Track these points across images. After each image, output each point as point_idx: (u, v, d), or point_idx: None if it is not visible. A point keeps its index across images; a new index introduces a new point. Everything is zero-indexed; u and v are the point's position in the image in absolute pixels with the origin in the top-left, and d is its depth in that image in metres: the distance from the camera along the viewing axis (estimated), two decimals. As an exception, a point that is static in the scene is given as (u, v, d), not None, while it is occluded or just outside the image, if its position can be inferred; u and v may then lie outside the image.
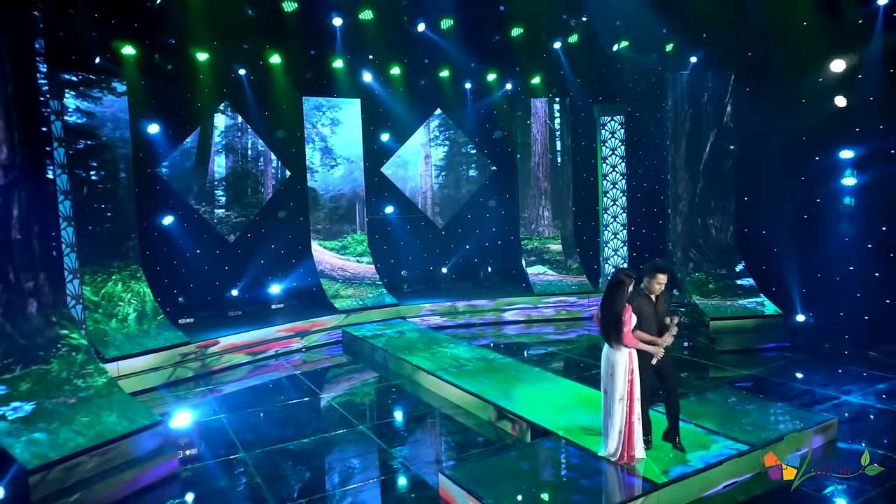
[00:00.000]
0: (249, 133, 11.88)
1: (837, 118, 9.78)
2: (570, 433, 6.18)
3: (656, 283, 5.66)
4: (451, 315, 12.49)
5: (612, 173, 12.84)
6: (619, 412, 5.50)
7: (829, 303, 10.14)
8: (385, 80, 12.80)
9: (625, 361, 5.46)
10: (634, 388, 5.49)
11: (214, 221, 11.61)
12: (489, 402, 7.25)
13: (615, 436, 5.53)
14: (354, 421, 7.41)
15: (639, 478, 5.29)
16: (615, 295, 5.47)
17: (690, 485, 5.31)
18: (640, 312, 5.57)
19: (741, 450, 5.76)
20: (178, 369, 9.25)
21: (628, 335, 5.40)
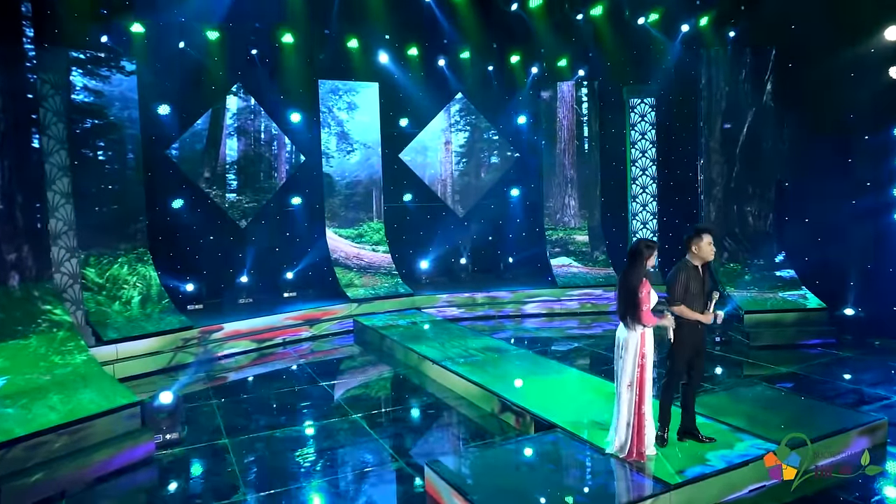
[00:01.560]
0: (263, 116, 11.58)
1: (890, 92, 8.86)
2: (577, 427, 5.57)
3: (707, 246, 5.01)
4: (468, 307, 11.94)
5: (642, 159, 12.09)
6: (627, 401, 4.89)
7: (880, 296, 9.20)
8: (403, 62, 12.34)
9: (636, 343, 4.85)
10: (646, 375, 4.87)
11: (226, 206, 11.34)
12: (493, 393, 6.68)
13: (623, 429, 4.91)
14: (350, 410, 6.94)
15: (649, 477, 4.65)
16: (632, 267, 4.88)
17: (708, 487, 4.64)
18: (687, 287, 4.95)
19: (770, 449, 5.05)
20: (178, 354, 8.96)
21: (647, 314, 4.79)
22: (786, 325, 9.21)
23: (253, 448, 5.95)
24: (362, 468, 5.48)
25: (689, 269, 5.02)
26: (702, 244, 4.97)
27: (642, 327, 4.84)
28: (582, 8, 10.36)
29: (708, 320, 5.02)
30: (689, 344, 5.10)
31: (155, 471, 5.60)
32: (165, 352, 8.82)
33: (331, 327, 10.86)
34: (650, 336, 4.91)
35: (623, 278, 4.93)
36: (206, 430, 6.43)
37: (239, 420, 6.72)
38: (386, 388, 8.03)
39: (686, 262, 5.03)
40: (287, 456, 5.78)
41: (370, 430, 6.31)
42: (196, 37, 10.40)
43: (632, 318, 4.82)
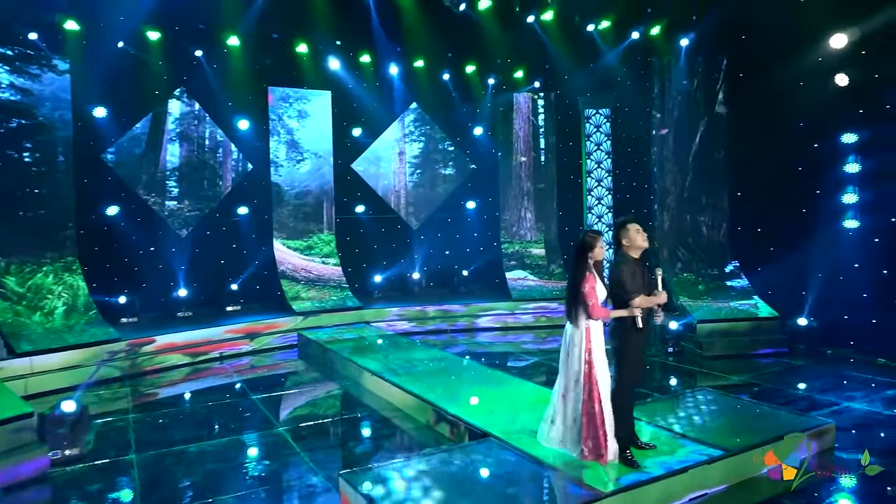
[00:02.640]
0: (208, 122, 11.15)
1: (838, 100, 8.85)
2: (511, 436, 5.19)
3: (636, 234, 4.72)
4: (420, 320, 11.54)
5: (598, 170, 11.94)
6: (574, 399, 4.58)
7: (832, 305, 9.07)
8: (355, 70, 12.05)
9: (580, 340, 4.58)
10: (595, 372, 4.55)
11: (166, 214, 10.81)
12: (428, 403, 6.27)
13: (572, 428, 4.59)
14: (276, 423, 6.46)
15: (580, 485, 4.28)
16: (577, 261, 4.63)
17: (644, 495, 4.29)
18: (633, 278, 4.65)
19: (713, 455, 4.74)
20: (102, 368, 8.36)
21: (596, 307, 4.52)
22: (739, 335, 9.02)
23: (161, 464, 5.44)
24: (277, 483, 5.01)
25: (630, 262, 4.74)
26: (630, 234, 4.70)
27: (586, 323, 4.54)
28: (533, 10, 10.19)
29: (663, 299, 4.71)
30: (638, 344, 4.79)
31: (47, 489, 5.05)
32: (87, 366, 8.22)
33: (273, 341, 10.34)
34: (597, 332, 4.62)
35: (570, 275, 4.66)
36: (114, 446, 5.89)
37: (153, 435, 6.19)
38: (320, 402, 7.55)
39: (624, 256, 4.76)
40: (197, 472, 5.29)
41: (294, 443, 5.84)
42: (136, 37, 9.96)
43: (577, 314, 4.55)
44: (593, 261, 4.64)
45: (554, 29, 10.81)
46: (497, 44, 11.67)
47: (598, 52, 11.32)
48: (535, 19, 10.44)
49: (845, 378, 7.62)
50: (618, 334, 4.72)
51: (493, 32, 11.18)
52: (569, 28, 10.77)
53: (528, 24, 10.83)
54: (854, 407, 6.54)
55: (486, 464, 4.75)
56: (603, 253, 4.69)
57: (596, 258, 4.63)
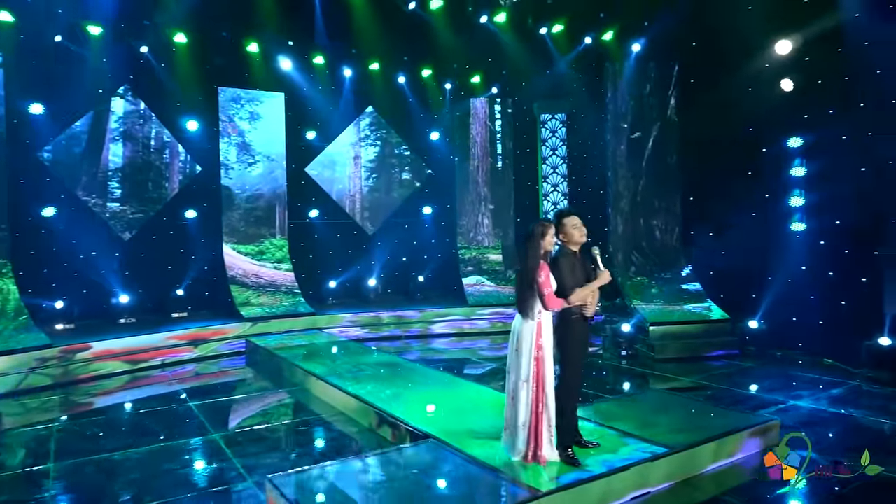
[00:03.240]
0: (154, 122, 10.76)
1: (784, 105, 9.00)
2: (452, 437, 4.99)
3: (574, 230, 4.58)
4: (374, 327, 11.29)
5: (553, 174, 11.92)
6: (525, 399, 4.37)
7: (781, 307, 9.16)
8: (309, 72, 11.81)
9: (531, 334, 4.37)
10: (543, 369, 4.38)
11: (107, 216, 10.35)
12: (371, 406, 6.05)
13: (520, 430, 4.39)
14: (211, 430, 6.14)
15: (516, 485, 4.11)
16: (527, 249, 4.44)
17: (584, 494, 4.14)
18: (573, 271, 4.51)
19: (657, 453, 4.62)
20: (31, 376, 7.90)
21: (551, 297, 4.33)
22: (690, 337, 9.02)
23: (80, 473, 5.09)
24: (202, 489, 4.71)
25: (569, 255, 4.61)
26: (566, 230, 4.58)
27: (538, 317, 4.38)
28: (485, 11, 10.13)
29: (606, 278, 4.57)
30: (581, 339, 4.66)
31: (-52, 502, 4.66)
32: (12, 373, 7.75)
33: (220, 348, 9.96)
34: (548, 325, 4.44)
35: (520, 263, 4.49)
36: (32, 455, 5.51)
37: (77, 443, 5.81)
38: (262, 408, 7.23)
39: (563, 249, 4.63)
40: (118, 480, 4.95)
41: (227, 449, 5.54)
42: (77, 32, 9.57)
43: (530, 305, 4.36)
44: (543, 251, 4.49)
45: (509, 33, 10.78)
46: (453, 48, 11.59)
47: (553, 57, 11.35)
48: (489, 19, 10.37)
49: (793, 378, 7.66)
50: (561, 330, 4.58)
51: (447, 36, 11.09)
52: (524, 32, 10.76)
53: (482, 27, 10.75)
54: (800, 405, 6.54)
55: (421, 465, 4.54)
56: (553, 243, 4.52)
57: (545, 248, 4.47)
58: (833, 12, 8.27)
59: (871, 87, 7.99)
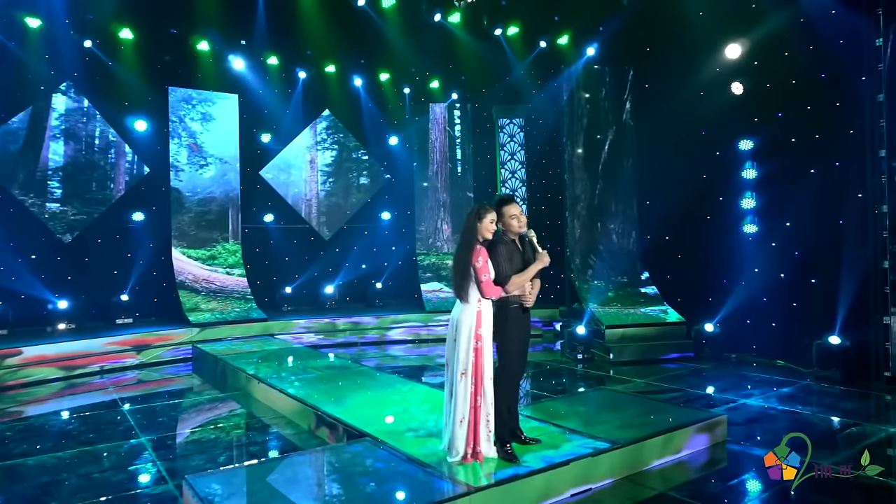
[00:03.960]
0: (98, 120, 10.37)
1: (735, 108, 9.08)
2: (390, 436, 4.77)
3: (511, 220, 4.42)
4: (328, 333, 11.00)
5: (512, 179, 11.84)
6: (463, 393, 4.16)
7: (735, 310, 9.16)
8: (263, 72, 11.57)
9: (470, 323, 4.17)
10: (483, 361, 4.18)
11: (46, 216, 9.89)
12: (310, 407, 5.79)
13: (457, 427, 4.16)
14: (140, 433, 5.80)
15: (448, 481, 3.90)
16: (466, 233, 4.26)
17: (520, 491, 3.94)
18: (510, 259, 4.34)
19: (599, 448, 4.47)
20: (-49, 382, 7.43)
21: (488, 284, 4.15)
22: (646, 340, 8.97)
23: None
24: (118, 491, 4.39)
25: (508, 243, 4.46)
26: (504, 219, 4.43)
27: (478, 305, 4.20)
28: (438, 9, 10.04)
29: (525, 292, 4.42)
30: (521, 329, 4.49)
31: None
32: (-68, 379, 7.29)
33: (165, 354, 9.57)
34: (488, 314, 4.25)
35: (457, 248, 4.31)
36: (-63, 462, 5.10)
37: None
38: (199, 412, 6.89)
39: (502, 236, 4.47)
40: (27, 484, 4.59)
41: (153, 452, 5.22)
42: (13, 25, 9.19)
43: (467, 292, 4.16)
44: (482, 236, 4.31)
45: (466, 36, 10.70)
46: (410, 52, 11.45)
47: (511, 61, 11.32)
48: (443, 18, 10.27)
49: (745, 379, 7.62)
50: (499, 319, 4.41)
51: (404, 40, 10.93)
52: (481, 36, 10.69)
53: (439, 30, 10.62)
54: (750, 403, 6.48)
55: (351, 463, 4.30)
56: (491, 229, 4.33)
57: (483, 233, 4.30)
58: (779, 17, 8.41)
59: (816, 89, 8.11)
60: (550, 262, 4.44)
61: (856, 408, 6.30)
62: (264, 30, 10.57)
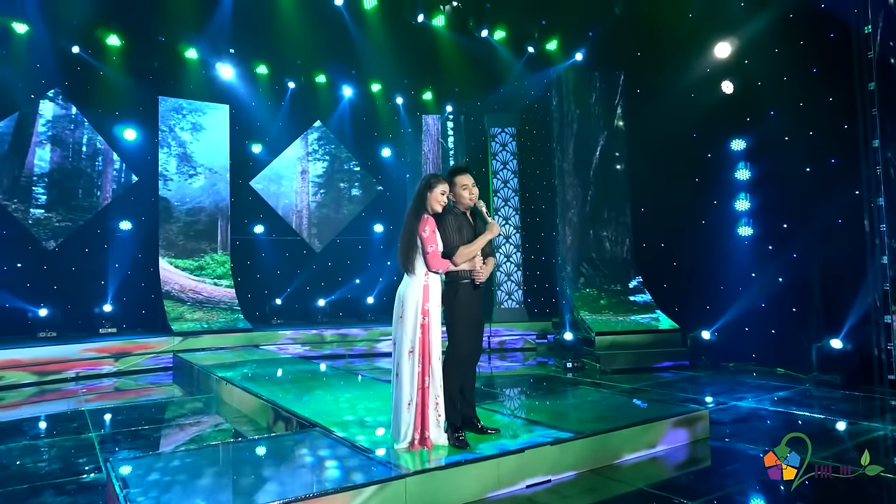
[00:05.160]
0: (86, 128, 10.37)
1: (726, 108, 8.84)
2: (341, 426, 4.48)
3: (463, 191, 4.19)
4: (315, 344, 10.72)
5: (504, 188, 11.63)
6: (409, 372, 3.88)
7: (733, 317, 8.77)
8: (252, 82, 11.56)
9: (417, 298, 3.92)
10: (430, 338, 3.91)
11: (29, 222, 9.82)
12: (269, 403, 5.50)
13: (405, 413, 3.87)
14: (92, 430, 5.54)
15: (387, 466, 3.59)
16: (415, 202, 4.06)
17: (464, 477, 3.61)
18: (459, 231, 4.10)
19: (561, 437, 4.13)
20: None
21: (434, 255, 3.92)
22: (638, 348, 8.59)
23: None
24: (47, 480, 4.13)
25: (458, 215, 4.22)
26: (456, 189, 4.19)
27: (425, 278, 3.94)
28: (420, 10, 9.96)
29: (477, 266, 4.16)
30: (471, 306, 4.20)
31: None
32: None
33: (145, 363, 9.34)
34: (436, 288, 3.99)
35: (406, 219, 4.07)
36: None
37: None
38: (158, 411, 6.61)
39: (452, 209, 4.23)
40: (-44, 475, 4.35)
41: (97, 446, 4.96)
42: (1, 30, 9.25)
43: (412, 262, 3.94)
44: (431, 208, 4.08)
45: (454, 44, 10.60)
46: (401, 62, 11.41)
47: (502, 69, 11.22)
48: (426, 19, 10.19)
49: (740, 385, 7.21)
50: (448, 297, 4.14)
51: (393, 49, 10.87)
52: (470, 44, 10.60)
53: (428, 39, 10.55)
54: (741, 405, 6.09)
55: (290, 449, 4.02)
56: (442, 201, 4.10)
57: (432, 204, 4.06)
58: (768, 13, 8.22)
59: (808, 85, 7.86)
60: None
61: (855, 409, 5.89)
62: (252, 38, 10.58)
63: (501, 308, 11.51)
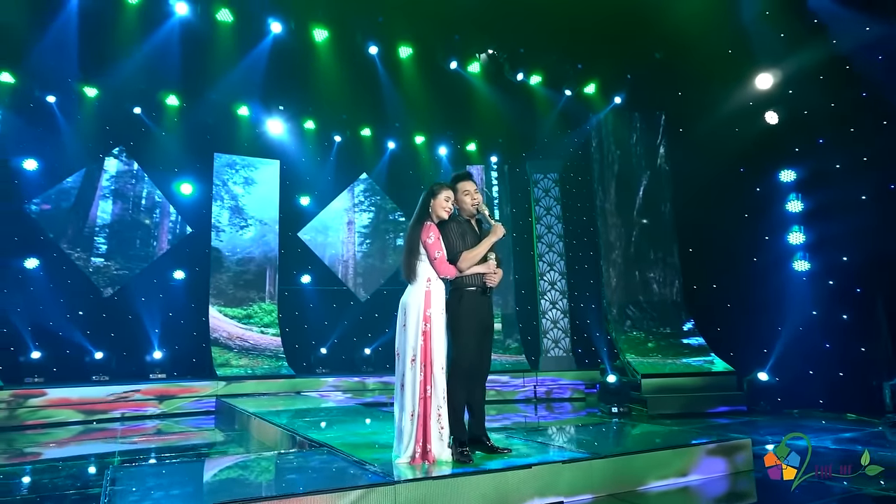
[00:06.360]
0: (146, 182, 11.03)
1: (772, 139, 8.52)
2: (351, 447, 4.32)
3: (465, 197, 4.16)
4: (357, 392, 10.59)
5: (548, 234, 11.46)
6: (411, 383, 3.76)
7: (795, 360, 8.12)
8: (300, 136, 12.07)
9: (419, 304, 3.84)
10: (432, 345, 3.78)
11: (90, 270, 10.36)
12: (287, 431, 5.41)
13: (407, 423, 3.73)
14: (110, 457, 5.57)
15: (381, 475, 3.40)
16: (419, 210, 4.07)
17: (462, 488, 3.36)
18: (462, 237, 4.07)
19: (576, 457, 3.82)
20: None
21: (442, 262, 3.90)
22: (689, 391, 8.03)
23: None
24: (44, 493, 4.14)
25: (462, 222, 4.15)
26: (458, 196, 4.16)
27: (427, 284, 3.87)
28: (453, 57, 10.22)
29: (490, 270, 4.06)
30: (476, 316, 4.05)
31: None
32: (-46, 412, 7.46)
33: (188, 405, 9.44)
34: (438, 295, 3.92)
35: (409, 227, 4.09)
36: None
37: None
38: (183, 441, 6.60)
39: (456, 216, 4.18)
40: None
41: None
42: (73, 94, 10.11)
43: (414, 269, 3.95)
44: (436, 215, 4.05)
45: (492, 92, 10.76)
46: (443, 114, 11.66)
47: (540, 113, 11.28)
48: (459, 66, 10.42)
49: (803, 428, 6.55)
50: (452, 304, 4.02)
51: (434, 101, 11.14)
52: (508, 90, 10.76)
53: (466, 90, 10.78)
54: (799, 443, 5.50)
55: (292, 462, 3.88)
56: (446, 207, 4.06)
57: (437, 212, 4.04)
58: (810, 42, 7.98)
59: (859, 110, 7.50)
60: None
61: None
62: (300, 95, 11.14)
63: (548, 356, 11.11)
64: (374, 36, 10.07)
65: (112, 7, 9.03)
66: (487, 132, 12.36)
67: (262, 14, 9.55)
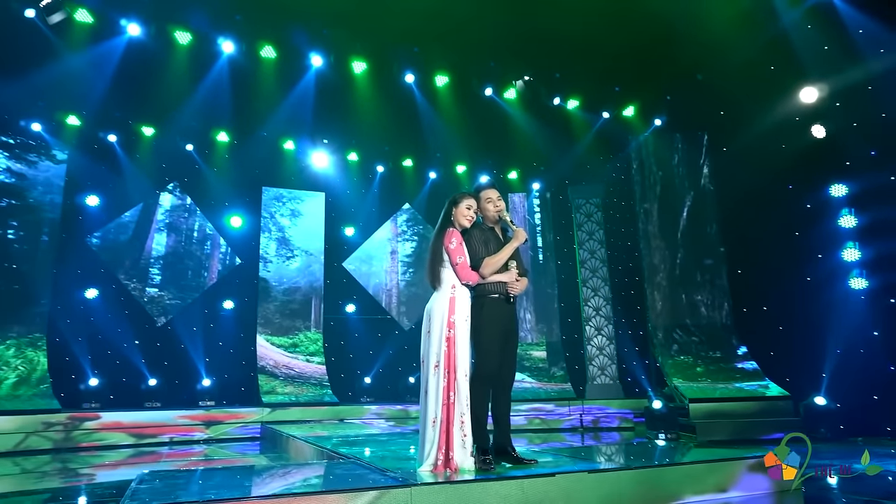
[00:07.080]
0: (198, 215, 11.53)
1: (821, 155, 8.21)
2: (376, 459, 4.31)
3: (488, 204, 4.19)
4: (399, 420, 10.53)
5: (591, 259, 11.28)
6: (435, 388, 3.74)
7: (856, 384, 7.64)
8: (344, 168, 12.41)
9: (443, 310, 3.84)
10: (456, 352, 3.77)
11: (145, 300, 10.81)
12: (319, 447, 5.42)
13: (430, 430, 3.70)
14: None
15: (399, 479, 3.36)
16: (441, 221, 4.12)
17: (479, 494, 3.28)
18: (486, 245, 4.08)
19: (598, 468, 3.69)
20: (31, 438, 7.91)
21: (464, 267, 3.90)
22: (741, 417, 7.65)
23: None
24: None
25: (485, 230, 4.16)
26: (481, 204, 4.19)
27: (452, 291, 3.88)
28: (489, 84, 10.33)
29: (512, 278, 4.04)
30: (498, 323, 4.02)
31: None
32: (14, 433, 7.81)
33: (234, 431, 9.60)
34: (463, 302, 3.90)
35: (433, 236, 4.13)
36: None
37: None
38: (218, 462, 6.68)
39: (479, 224, 4.20)
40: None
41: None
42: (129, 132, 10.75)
43: (438, 275, 3.93)
44: (458, 223, 4.09)
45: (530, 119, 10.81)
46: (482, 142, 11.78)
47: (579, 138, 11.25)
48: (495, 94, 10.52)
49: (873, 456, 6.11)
50: (475, 311, 3.99)
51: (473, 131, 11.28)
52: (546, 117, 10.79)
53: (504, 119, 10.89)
54: (856, 466, 5.13)
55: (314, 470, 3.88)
56: (468, 215, 4.10)
57: (459, 220, 4.08)
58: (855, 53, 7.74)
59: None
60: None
61: None
62: (343, 127, 11.49)
63: (594, 384, 10.82)
64: (411, 65, 10.32)
65: (164, 49, 9.61)
66: (528, 159, 12.40)
67: (302, 48, 9.95)
